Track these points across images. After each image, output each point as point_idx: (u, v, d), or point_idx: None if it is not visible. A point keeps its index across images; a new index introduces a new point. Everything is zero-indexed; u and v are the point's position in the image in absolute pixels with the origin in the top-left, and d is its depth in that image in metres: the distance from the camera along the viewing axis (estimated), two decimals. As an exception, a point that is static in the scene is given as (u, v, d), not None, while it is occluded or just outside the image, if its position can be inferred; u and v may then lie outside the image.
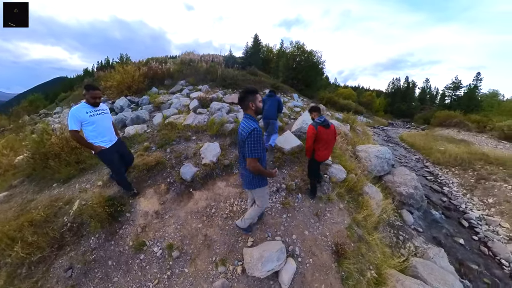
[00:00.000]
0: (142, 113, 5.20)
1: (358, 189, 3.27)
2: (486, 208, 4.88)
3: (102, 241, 2.26)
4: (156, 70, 8.49)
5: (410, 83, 37.39)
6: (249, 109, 1.61)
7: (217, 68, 8.50)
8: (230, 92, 7.62)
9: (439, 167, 7.21)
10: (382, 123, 22.43)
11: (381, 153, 4.34)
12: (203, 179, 3.02)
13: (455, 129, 16.09)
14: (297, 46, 14.81)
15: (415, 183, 4.00)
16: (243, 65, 12.14)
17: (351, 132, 7.80)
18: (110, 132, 2.37)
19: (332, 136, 2.61)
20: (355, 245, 2.43)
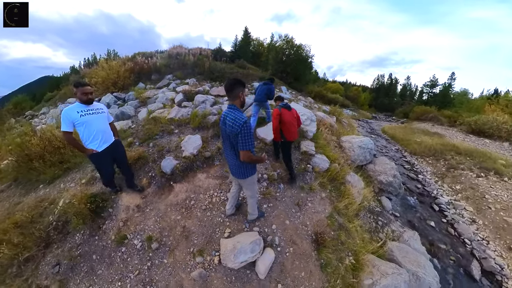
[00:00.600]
0: (127, 109, 5.06)
1: (341, 178, 3.31)
2: (454, 194, 5.28)
3: (87, 236, 2.30)
4: (142, 65, 8.11)
5: (393, 79, 39.03)
6: (237, 99, 1.58)
7: (204, 61, 8.15)
8: (217, 85, 7.39)
9: (415, 157, 7.65)
10: (367, 116, 23.29)
11: (364, 144, 4.43)
12: (183, 171, 2.97)
13: (430, 123, 17.16)
14: (286, 39, 14.50)
15: (394, 172, 4.16)
16: (232, 58, 11.69)
17: (337, 124, 7.95)
18: (103, 133, 2.16)
19: (293, 118, 2.73)
20: (335, 233, 2.47)
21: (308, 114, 4.27)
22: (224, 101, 5.39)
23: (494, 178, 5.50)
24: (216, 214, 2.45)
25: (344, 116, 10.48)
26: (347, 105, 24.50)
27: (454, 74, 30.11)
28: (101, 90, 7.12)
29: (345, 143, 4.69)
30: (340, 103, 22.81)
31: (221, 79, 7.76)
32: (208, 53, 9.39)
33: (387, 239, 3.06)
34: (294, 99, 9.17)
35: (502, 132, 11.36)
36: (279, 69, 13.92)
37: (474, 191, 5.17)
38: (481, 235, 4.06)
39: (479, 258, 3.53)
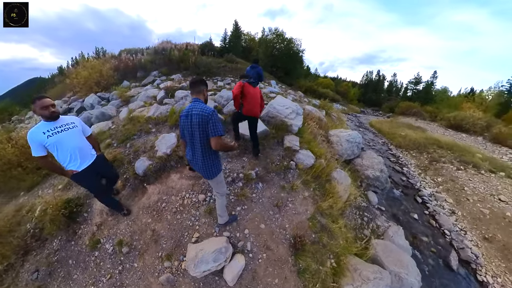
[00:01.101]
0: (108, 109, 4.83)
1: (326, 175, 3.13)
2: (435, 186, 5.40)
3: (64, 242, 2.30)
4: (126, 63, 7.64)
5: (380, 76, 39.88)
6: (201, 94, 1.65)
7: (190, 57, 7.63)
8: None
9: (401, 150, 7.78)
10: (356, 110, 23.66)
11: (352, 137, 4.29)
12: (156, 172, 2.76)
13: (413, 117, 17.74)
14: (277, 33, 13.99)
15: (381, 166, 4.09)
16: (221, 52, 11.08)
17: (326, 118, 7.83)
18: (80, 151, 1.86)
19: (255, 94, 2.68)
20: (316, 235, 2.31)
21: (293, 107, 4.01)
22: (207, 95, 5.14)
23: (472, 171, 5.69)
24: (186, 217, 2.32)
25: (334, 110, 10.42)
26: (337, 99, 24.69)
27: (436, 73, 31.29)
28: (84, 91, 6.81)
29: (333, 137, 4.53)
30: (331, 97, 22.95)
31: (208, 74, 7.35)
32: (194, 48, 8.74)
33: (372, 235, 3.02)
34: (283, 93, 8.90)
35: (477, 128, 11.99)
36: (269, 63, 13.49)
37: (454, 183, 5.31)
38: (459, 226, 4.19)
39: (457, 248, 3.65)
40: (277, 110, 3.72)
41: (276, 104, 3.88)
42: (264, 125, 3.39)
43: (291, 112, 3.75)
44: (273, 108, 3.77)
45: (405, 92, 42.59)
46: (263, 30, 15.39)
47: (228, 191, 2.48)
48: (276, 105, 3.84)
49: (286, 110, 3.75)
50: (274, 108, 3.76)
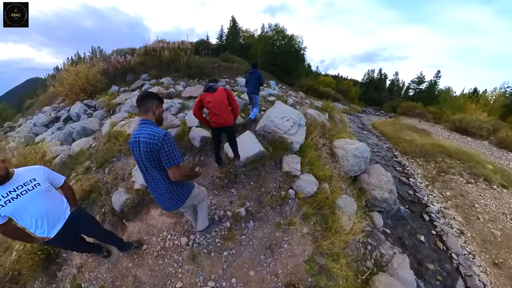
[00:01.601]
0: (90, 123, 4.42)
1: (330, 205, 2.72)
2: (444, 201, 5.02)
3: (44, 285, 2.13)
4: (115, 65, 7.01)
5: (382, 75, 39.04)
6: (149, 113, 1.31)
7: (181, 57, 7.04)
8: (194, 83, 6.38)
9: (406, 157, 7.38)
10: (357, 110, 23.15)
11: (360, 152, 3.86)
12: (135, 208, 2.41)
13: (416, 118, 17.23)
14: (277, 29, 13.22)
15: (391, 186, 3.68)
16: (217, 51, 10.47)
17: (329, 122, 7.39)
18: (48, 215, 1.47)
19: (216, 101, 2.26)
20: (313, 278, 1.98)
21: (294, 117, 3.53)
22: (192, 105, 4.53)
23: (483, 185, 5.30)
24: (168, 263, 2.04)
25: (337, 112, 9.97)
26: (339, 98, 24.09)
27: (439, 72, 30.53)
28: (71, 98, 6.30)
29: (338, 149, 4.10)
30: (332, 96, 22.36)
31: (200, 76, 6.78)
32: (187, 47, 8.08)
33: (375, 267, 2.73)
34: (284, 94, 8.40)
35: (483, 131, 11.56)
36: (268, 62, 12.84)
37: (464, 198, 4.93)
38: (468, 249, 3.86)
39: (464, 275, 3.35)
40: (275, 124, 3.24)
41: (274, 115, 3.40)
42: (259, 145, 2.91)
43: (292, 125, 3.29)
44: (270, 121, 3.28)
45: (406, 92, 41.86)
46: (263, 27, 14.57)
47: (206, 242, 2.09)
48: (274, 117, 3.36)
49: (286, 124, 3.28)
50: (272, 121, 3.28)
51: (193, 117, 3.50)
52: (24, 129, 6.51)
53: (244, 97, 5.35)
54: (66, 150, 3.84)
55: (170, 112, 4.14)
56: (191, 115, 3.62)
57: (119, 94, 6.09)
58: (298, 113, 3.84)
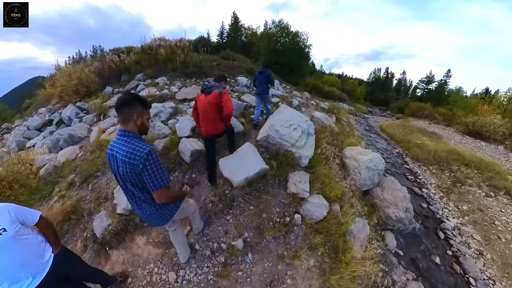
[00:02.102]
0: (77, 129, 4.14)
1: (341, 232, 2.37)
2: (460, 216, 4.65)
3: None
4: (110, 65, 6.71)
5: (389, 74, 38.06)
6: (130, 123, 1.11)
7: (179, 55, 6.67)
8: (190, 83, 6.02)
9: (418, 164, 6.99)
10: (363, 110, 22.59)
11: (374, 164, 3.52)
12: (118, 234, 2.15)
13: (426, 120, 16.65)
14: (281, 25, 12.69)
15: (407, 204, 3.34)
16: (218, 48, 10.09)
17: (337, 125, 7.03)
18: (22, 266, 1.18)
19: (203, 105, 2.07)
20: None
21: (303, 124, 3.15)
22: (187, 109, 4.13)
23: (504, 199, 4.90)
24: None
25: (343, 113, 9.58)
26: (344, 98, 23.51)
27: (450, 72, 29.58)
28: (64, 101, 6.02)
29: (349, 160, 3.76)
30: (337, 96, 21.83)
31: (198, 75, 6.39)
32: (185, 44, 7.73)
33: None
34: (288, 95, 8.04)
35: (498, 135, 11.00)
36: (271, 60, 12.39)
37: (483, 214, 4.55)
38: (487, 273, 3.51)
39: None
40: (280, 135, 2.85)
41: (279, 123, 2.99)
42: (261, 162, 2.52)
43: (300, 135, 2.91)
44: (274, 131, 2.86)
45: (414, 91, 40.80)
46: (266, 24, 14.04)
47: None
48: (279, 125, 2.96)
49: (294, 134, 2.90)
50: (277, 131, 2.87)
51: (184, 124, 3.23)
52: (18, 132, 6.28)
53: (244, 99, 5.00)
54: (53, 159, 3.57)
55: (160, 118, 3.78)
56: (182, 122, 3.36)
57: (113, 95, 5.81)
58: (306, 119, 3.46)
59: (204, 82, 6.13)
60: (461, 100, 22.91)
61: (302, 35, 12.78)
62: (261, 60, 13.03)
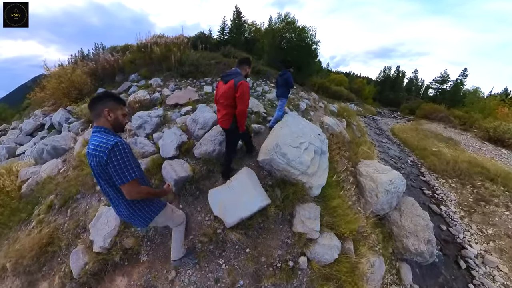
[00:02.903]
0: (61, 140, 3.84)
1: (356, 278, 1.98)
2: (484, 241, 4.19)
3: None
4: (103, 65, 6.36)
5: (400, 72, 36.68)
6: (102, 119, 1.14)
7: (174, 52, 6.23)
8: (187, 83, 5.62)
9: (435, 176, 6.48)
10: (372, 112, 21.88)
11: (394, 186, 3.10)
12: (97, 274, 1.93)
13: (440, 123, 15.89)
14: (287, 20, 12.07)
15: (429, 234, 2.93)
16: (219, 45, 9.67)
17: (348, 131, 6.59)
18: None
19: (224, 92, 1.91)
20: None
21: (315, 141, 2.62)
22: (176, 117, 3.71)
23: (538, 223, 4.40)
24: None
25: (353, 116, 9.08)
26: (351, 98, 22.79)
27: (466, 70, 28.22)
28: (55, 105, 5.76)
29: (365, 179, 3.35)
30: (345, 96, 21.14)
31: (194, 75, 6.00)
32: (182, 41, 7.25)
33: None
34: (295, 97, 7.60)
35: (522, 143, 10.28)
36: (277, 57, 11.86)
37: (511, 240, 4.07)
38: None
39: None
40: (287, 160, 2.29)
41: (287, 141, 2.44)
42: (262, 196, 2.08)
43: (313, 158, 2.39)
44: (281, 155, 2.31)
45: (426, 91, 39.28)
46: (270, 19, 13.38)
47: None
48: (286, 145, 2.39)
49: (305, 157, 2.33)
50: (283, 155, 2.31)
51: (168, 141, 2.80)
52: (11, 136, 5.99)
53: None
54: (36, 173, 3.32)
55: (145, 130, 3.30)
56: (167, 137, 2.85)
57: None
58: (319, 132, 2.93)
59: (201, 83, 5.77)
60: (478, 102, 21.81)
61: (309, 30, 12.18)
62: (264, 57, 12.51)
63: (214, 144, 2.71)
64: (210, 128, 3.05)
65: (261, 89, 6.55)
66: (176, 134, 2.89)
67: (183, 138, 2.94)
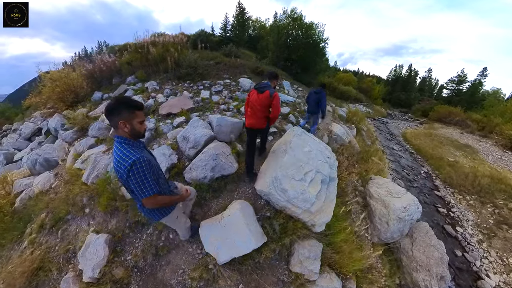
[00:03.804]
0: (53, 151, 3.75)
1: None
2: (504, 272, 3.83)
3: None
4: (100, 67, 6.19)
5: (412, 71, 35.22)
6: (119, 130, 1.18)
7: (171, 53, 5.95)
8: (183, 88, 5.33)
9: (451, 190, 6.07)
10: (382, 113, 21.20)
11: (408, 214, 2.80)
12: None
13: (456, 128, 15.20)
14: (293, 16, 11.62)
15: (443, 269, 2.64)
16: (221, 43, 9.38)
17: (358, 139, 6.24)
18: None
19: (253, 102, 2.43)
20: None
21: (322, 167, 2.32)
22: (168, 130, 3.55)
23: None
24: None
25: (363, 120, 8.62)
26: (360, 99, 22.16)
27: (486, 70, 26.89)
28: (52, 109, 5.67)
29: (375, 203, 3.06)
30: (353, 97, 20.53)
31: (192, 77, 5.69)
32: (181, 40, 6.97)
33: None
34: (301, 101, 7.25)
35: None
36: (281, 56, 11.48)
37: (540, 272, 3.70)
38: None
39: None
40: (288, 197, 2.02)
41: (288, 172, 2.14)
42: (256, 236, 1.87)
43: (319, 191, 2.12)
44: (280, 190, 2.05)
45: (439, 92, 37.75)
46: (276, 15, 12.91)
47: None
48: (287, 178, 2.09)
49: (309, 191, 2.06)
50: (284, 191, 2.04)
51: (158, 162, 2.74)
52: (10, 140, 5.94)
53: None
54: (30, 185, 3.28)
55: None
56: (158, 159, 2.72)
57: (102, 102, 5.29)
58: (328, 155, 2.63)
59: (198, 86, 5.52)
60: (498, 105, 20.75)
61: (317, 27, 11.70)
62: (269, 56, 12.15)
63: (205, 170, 2.51)
64: (202, 148, 2.83)
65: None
66: (165, 155, 2.71)
67: (173, 159, 2.77)
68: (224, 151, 2.83)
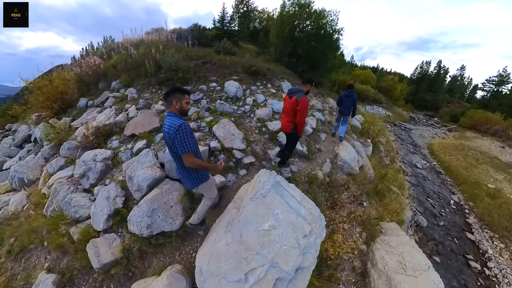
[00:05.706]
0: (28, 170, 3.73)
1: None
2: None
3: None
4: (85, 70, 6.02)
5: (441, 69, 32.25)
6: (172, 107, 1.70)
7: (152, 54, 5.42)
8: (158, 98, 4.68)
9: (490, 234, 4.92)
10: (403, 117, 19.54)
11: None
12: None
13: (495, 139, 13.43)
14: (299, 4, 10.38)
15: None
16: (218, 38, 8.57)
17: (373, 160, 5.25)
18: None
19: (284, 106, 2.87)
20: None
21: (289, 255, 1.59)
22: (127, 159, 3.24)
23: None
24: None
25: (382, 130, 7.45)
26: (379, 100, 20.58)
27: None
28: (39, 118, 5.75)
29: (377, 276, 2.18)
30: (371, 97, 19.04)
31: (173, 82, 4.92)
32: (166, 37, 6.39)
33: None
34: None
35: None
36: (285, 51, 10.41)
37: None
38: None
39: None
40: None
41: (219, 271, 1.51)
42: None
43: None
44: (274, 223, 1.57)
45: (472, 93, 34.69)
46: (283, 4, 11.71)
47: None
48: (213, 281, 1.49)
49: None
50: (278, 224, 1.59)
51: (99, 209, 2.50)
52: (4, 145, 5.87)
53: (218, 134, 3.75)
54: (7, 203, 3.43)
55: (88, 180, 2.91)
56: (100, 202, 2.54)
57: (87, 109, 5.07)
58: (306, 232, 1.72)
59: None
60: (548, 111, 18.44)
61: (329, 15, 10.38)
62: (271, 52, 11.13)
63: (140, 227, 2.28)
64: (147, 192, 2.56)
65: (252, 100, 4.87)
66: (110, 198, 2.55)
67: (118, 202, 2.57)
68: (167, 200, 2.43)
